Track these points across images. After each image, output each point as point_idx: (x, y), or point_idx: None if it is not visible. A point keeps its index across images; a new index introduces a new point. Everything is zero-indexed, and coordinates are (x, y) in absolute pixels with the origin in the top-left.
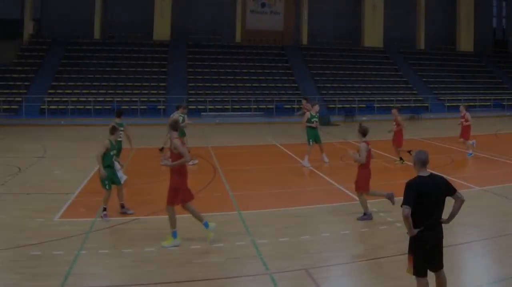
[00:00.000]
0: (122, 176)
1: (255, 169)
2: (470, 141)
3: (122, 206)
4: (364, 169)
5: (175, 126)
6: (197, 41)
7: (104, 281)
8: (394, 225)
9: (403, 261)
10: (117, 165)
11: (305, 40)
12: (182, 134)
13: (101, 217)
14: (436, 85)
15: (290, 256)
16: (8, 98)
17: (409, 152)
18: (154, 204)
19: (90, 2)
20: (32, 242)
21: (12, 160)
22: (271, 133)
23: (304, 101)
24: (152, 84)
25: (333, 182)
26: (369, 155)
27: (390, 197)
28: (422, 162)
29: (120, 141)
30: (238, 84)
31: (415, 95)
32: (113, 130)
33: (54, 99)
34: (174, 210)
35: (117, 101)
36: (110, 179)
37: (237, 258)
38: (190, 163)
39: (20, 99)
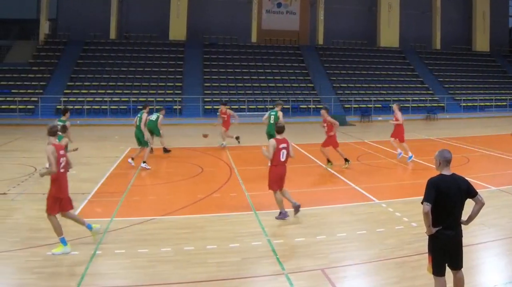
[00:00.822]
0: None
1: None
2: (400, 150)
3: None
4: (273, 167)
5: (51, 131)
6: (213, 41)
7: (120, 281)
8: (410, 225)
9: (419, 261)
10: None
11: (321, 40)
12: (158, 133)
13: None
14: (451, 85)
15: (306, 256)
16: (24, 98)
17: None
18: (169, 204)
19: (106, 2)
20: (48, 242)
21: (28, 160)
22: (287, 133)
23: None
24: (168, 84)
25: (349, 182)
26: (278, 152)
27: (296, 207)
28: (447, 161)
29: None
30: (254, 84)
31: (431, 95)
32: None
33: (70, 99)
34: (56, 218)
35: (133, 101)
36: None
37: (253, 258)
38: (144, 165)
39: (36, 99)
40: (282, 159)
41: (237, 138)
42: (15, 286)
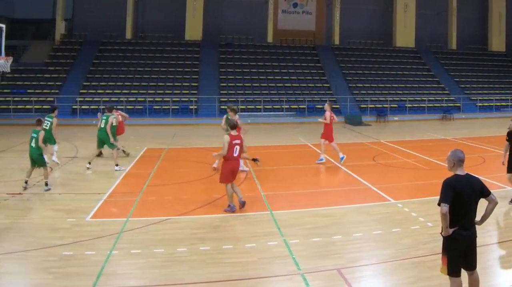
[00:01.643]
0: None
1: (286, 168)
2: (322, 156)
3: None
4: (225, 161)
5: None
6: (228, 41)
7: (136, 281)
8: (425, 225)
9: (435, 261)
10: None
11: (337, 40)
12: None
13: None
14: (467, 85)
15: (322, 256)
16: (40, 98)
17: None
18: (185, 204)
19: (122, 2)
20: (64, 242)
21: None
22: (303, 133)
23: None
24: (184, 84)
25: (365, 182)
26: (231, 147)
27: (242, 203)
28: (461, 161)
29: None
30: (270, 84)
31: (447, 95)
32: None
33: (86, 99)
34: None
35: (149, 101)
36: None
37: (269, 258)
38: (117, 168)
39: (52, 99)
40: (235, 154)
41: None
42: (31, 286)
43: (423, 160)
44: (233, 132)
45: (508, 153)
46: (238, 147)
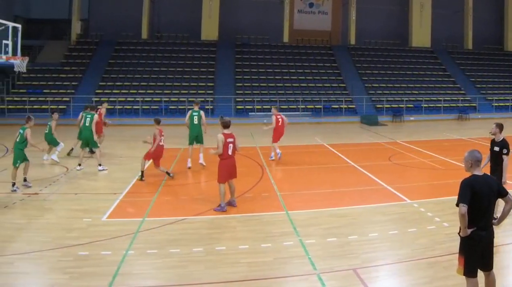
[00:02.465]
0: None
1: (302, 169)
2: (277, 151)
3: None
4: (221, 160)
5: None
6: (244, 41)
7: (151, 281)
8: (441, 225)
9: (451, 261)
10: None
11: (352, 40)
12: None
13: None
14: (483, 85)
15: (338, 256)
16: (56, 98)
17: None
18: (201, 204)
19: (138, 2)
20: (80, 242)
21: (60, 160)
22: (319, 133)
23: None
24: (200, 84)
25: (381, 182)
26: (225, 146)
27: (232, 203)
28: (478, 161)
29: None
30: (286, 84)
31: (463, 95)
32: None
33: (102, 99)
34: None
35: (164, 101)
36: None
37: (285, 258)
38: (101, 168)
39: (68, 99)
40: (229, 153)
41: None
42: (46, 286)
43: (439, 160)
44: (226, 131)
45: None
46: (231, 145)
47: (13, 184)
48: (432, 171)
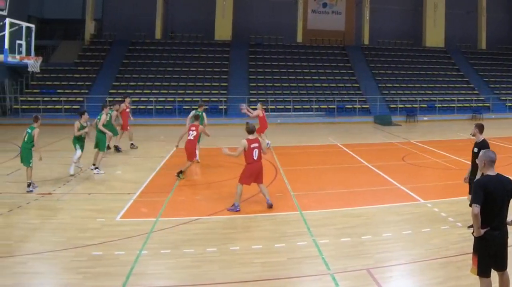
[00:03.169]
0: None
1: (316, 168)
2: (266, 142)
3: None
4: (247, 165)
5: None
6: (258, 41)
7: (165, 281)
8: (455, 225)
9: (465, 261)
10: None
11: (366, 40)
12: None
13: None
14: (497, 85)
15: (352, 256)
16: (70, 98)
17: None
18: (215, 204)
19: (152, 2)
20: (93, 242)
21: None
22: (333, 133)
23: None
24: (213, 84)
25: (395, 182)
26: (250, 151)
27: (269, 205)
28: (492, 161)
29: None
30: (300, 84)
31: (477, 95)
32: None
33: (116, 99)
34: None
35: (178, 101)
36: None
37: (298, 258)
38: (96, 170)
39: (81, 99)
40: (255, 157)
41: None
42: (60, 286)
43: (453, 160)
44: (251, 136)
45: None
46: (257, 150)
47: (29, 184)
48: (446, 171)
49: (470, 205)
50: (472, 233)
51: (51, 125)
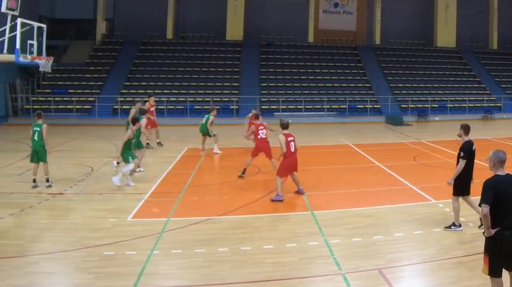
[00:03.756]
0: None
1: (327, 168)
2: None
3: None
4: (285, 158)
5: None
6: (269, 41)
7: (177, 281)
8: (466, 225)
9: (476, 261)
10: None
11: (377, 40)
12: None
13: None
14: (509, 85)
15: (363, 256)
16: (81, 98)
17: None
18: (226, 204)
19: (163, 2)
20: (105, 242)
21: (85, 160)
22: (344, 133)
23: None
24: (225, 84)
25: (406, 182)
26: (287, 145)
27: (301, 191)
28: (502, 161)
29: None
30: (311, 84)
31: (488, 95)
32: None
33: (127, 99)
34: None
35: (190, 101)
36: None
37: (310, 258)
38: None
39: (93, 99)
40: (292, 150)
41: None
42: (72, 286)
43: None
44: (286, 131)
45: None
46: (293, 143)
47: (47, 179)
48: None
49: (480, 205)
50: (483, 233)
51: (62, 126)
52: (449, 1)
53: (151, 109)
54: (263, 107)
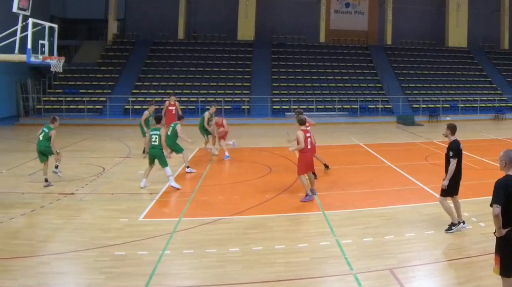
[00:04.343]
0: None
1: (339, 169)
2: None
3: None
4: (301, 154)
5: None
6: (281, 41)
7: (188, 281)
8: (478, 225)
9: (487, 261)
10: None
11: (389, 40)
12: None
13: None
14: None
15: (374, 256)
16: (92, 98)
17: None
18: (238, 204)
19: (174, 2)
20: (116, 242)
21: (96, 160)
22: (355, 133)
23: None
24: (236, 84)
25: (417, 182)
26: (305, 141)
27: (312, 192)
28: None
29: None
30: (322, 84)
31: (499, 95)
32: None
33: (138, 99)
34: None
35: (201, 101)
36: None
37: (321, 258)
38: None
39: (104, 99)
40: (309, 147)
41: None
42: (83, 286)
43: (475, 160)
44: (303, 127)
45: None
46: (310, 139)
47: (46, 179)
48: (468, 171)
49: (491, 205)
50: (494, 233)
51: (74, 126)
52: (461, 1)
53: (169, 107)
54: (274, 107)
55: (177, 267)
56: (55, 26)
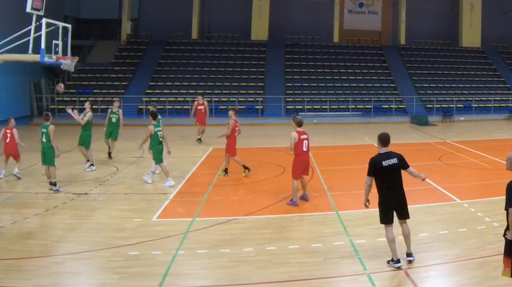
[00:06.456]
0: None
1: (352, 168)
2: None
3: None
4: (296, 156)
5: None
6: (294, 41)
7: (202, 281)
8: (492, 225)
9: (501, 261)
10: None
11: (403, 40)
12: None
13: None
14: None
15: (388, 256)
16: (106, 98)
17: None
18: (251, 204)
19: (188, 2)
20: (130, 242)
21: (110, 160)
22: (369, 133)
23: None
24: (249, 84)
25: (431, 182)
26: (300, 143)
27: (305, 197)
28: None
29: None
30: (336, 84)
31: None
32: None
33: (152, 99)
34: None
35: (214, 101)
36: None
37: (335, 258)
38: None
39: (117, 99)
40: (305, 149)
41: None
42: (97, 286)
43: (489, 160)
44: (300, 129)
45: None
46: (306, 142)
47: (55, 183)
48: (482, 171)
49: (506, 209)
50: (504, 236)
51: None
52: (474, 1)
53: (199, 107)
54: (288, 107)
55: (190, 267)
56: (69, 26)
